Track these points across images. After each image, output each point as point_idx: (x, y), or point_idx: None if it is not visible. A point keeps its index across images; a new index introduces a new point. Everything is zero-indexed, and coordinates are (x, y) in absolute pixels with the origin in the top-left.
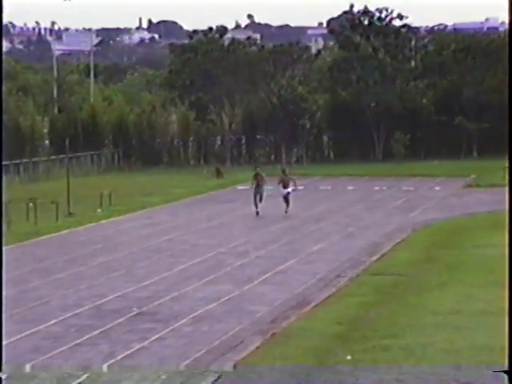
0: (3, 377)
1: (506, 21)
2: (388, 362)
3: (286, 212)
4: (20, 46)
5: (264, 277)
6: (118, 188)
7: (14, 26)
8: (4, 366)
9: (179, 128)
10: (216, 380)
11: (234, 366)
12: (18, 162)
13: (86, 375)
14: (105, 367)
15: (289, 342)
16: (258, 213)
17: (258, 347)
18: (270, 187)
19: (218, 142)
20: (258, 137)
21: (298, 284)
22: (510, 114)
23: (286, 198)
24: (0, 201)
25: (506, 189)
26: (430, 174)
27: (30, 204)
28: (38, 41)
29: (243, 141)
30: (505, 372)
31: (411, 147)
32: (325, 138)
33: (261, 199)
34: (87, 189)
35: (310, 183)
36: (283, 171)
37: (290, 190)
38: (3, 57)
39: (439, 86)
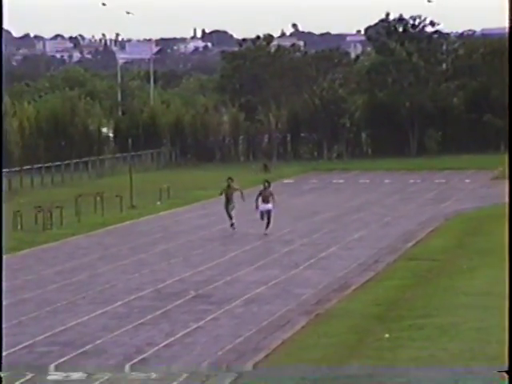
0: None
1: None
2: (423, 340)
3: (265, 233)
4: (88, 56)
5: (308, 262)
6: (175, 183)
7: (83, 38)
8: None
9: (230, 127)
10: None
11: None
12: (86, 159)
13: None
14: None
15: (331, 321)
16: (232, 224)
17: (303, 326)
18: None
19: (266, 140)
20: (302, 135)
21: (340, 268)
22: (510, 114)
23: (267, 215)
24: (0, 201)
25: (506, 189)
26: (460, 168)
27: (98, 198)
28: (104, 51)
29: (288, 138)
30: (505, 372)
31: (443, 143)
32: (363, 136)
33: (232, 210)
34: (148, 184)
35: (350, 177)
36: (266, 182)
37: (270, 206)
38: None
39: (469, 86)
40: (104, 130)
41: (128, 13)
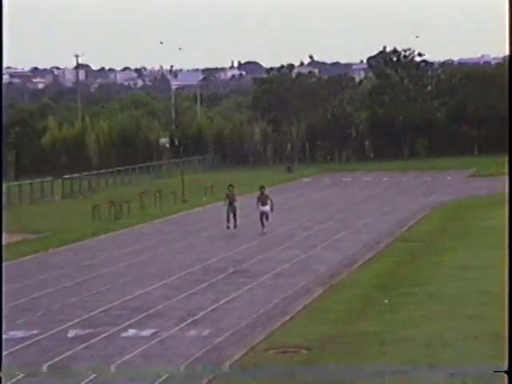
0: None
1: (498, 55)
2: (415, 303)
3: (263, 232)
4: (149, 83)
5: (324, 244)
6: (217, 181)
7: (145, 69)
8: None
9: (260, 137)
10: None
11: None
12: (148, 164)
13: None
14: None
15: (342, 290)
16: (228, 227)
17: (319, 295)
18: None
19: (289, 147)
20: (318, 143)
21: (349, 248)
22: (510, 114)
23: (266, 216)
24: (0, 201)
25: (506, 189)
26: (443, 168)
27: (157, 194)
28: (161, 79)
29: (307, 146)
30: (505, 372)
31: (429, 148)
32: (366, 143)
33: (234, 216)
34: (196, 183)
35: (356, 176)
36: (261, 188)
37: (268, 208)
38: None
39: (449, 104)
40: (161, 140)
41: (180, 49)
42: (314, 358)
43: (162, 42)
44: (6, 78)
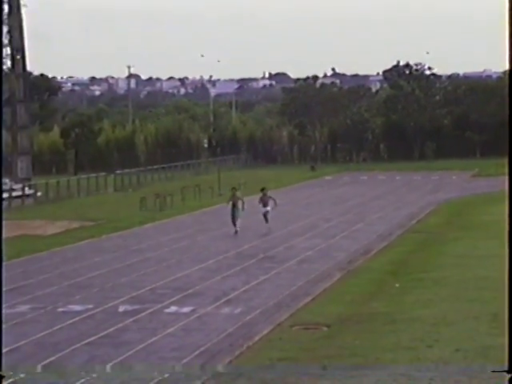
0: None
1: (499, 70)
2: (422, 288)
3: (267, 228)
4: (191, 91)
5: (343, 234)
6: (250, 178)
7: (187, 78)
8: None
9: (288, 140)
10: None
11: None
12: (188, 162)
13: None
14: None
15: (358, 275)
16: (236, 231)
17: (338, 279)
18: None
19: (313, 149)
20: (338, 145)
21: (365, 238)
22: (510, 116)
23: (265, 216)
24: (0, 202)
25: (506, 190)
26: (448, 168)
27: (196, 188)
28: (202, 87)
29: (328, 148)
30: (505, 372)
31: (437, 151)
32: (381, 146)
33: (236, 218)
34: (230, 179)
35: (372, 175)
36: (263, 190)
37: (269, 208)
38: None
39: (454, 112)
40: (201, 141)
41: (219, 61)
42: (333, 334)
43: (202, 55)
44: (68, 85)
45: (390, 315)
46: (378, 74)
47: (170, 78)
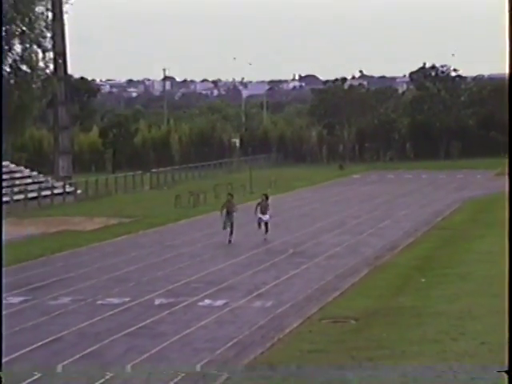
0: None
1: None
2: (447, 283)
3: (264, 238)
4: (223, 92)
5: (370, 231)
6: (280, 177)
7: (220, 80)
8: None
9: (317, 139)
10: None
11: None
12: (221, 161)
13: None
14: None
15: (385, 270)
16: (230, 241)
17: (366, 274)
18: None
19: (341, 148)
20: (366, 145)
21: (391, 235)
22: (510, 116)
23: (265, 225)
24: (0, 201)
25: (506, 191)
26: (473, 167)
27: (229, 186)
28: (234, 89)
29: (356, 147)
30: (505, 372)
31: (462, 150)
32: (407, 145)
33: (231, 226)
34: (261, 177)
35: (398, 174)
36: (265, 195)
37: (268, 217)
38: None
39: (479, 112)
40: (233, 141)
41: (250, 64)
42: (361, 327)
43: (234, 58)
44: (106, 88)
45: (416, 309)
46: (404, 75)
47: (204, 80)
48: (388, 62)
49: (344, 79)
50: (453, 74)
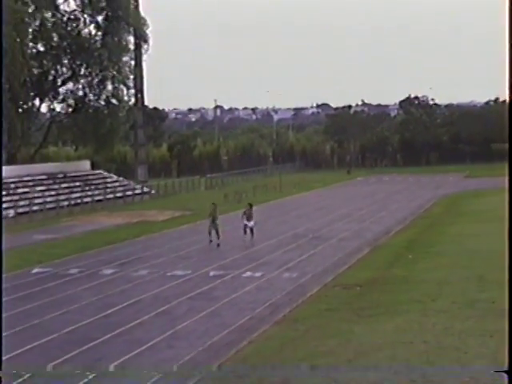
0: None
1: (483, 100)
2: (429, 258)
3: (252, 243)
4: (259, 117)
5: (370, 220)
6: (302, 180)
7: (257, 108)
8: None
9: (330, 152)
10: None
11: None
12: (258, 168)
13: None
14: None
15: (382, 249)
16: (211, 241)
17: (367, 252)
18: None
19: (348, 158)
20: (367, 155)
21: (386, 223)
22: (510, 116)
23: (251, 230)
24: (0, 202)
25: (506, 191)
26: (447, 171)
27: (264, 187)
28: (267, 114)
29: (360, 157)
30: (505, 372)
31: (438, 159)
32: (398, 156)
33: (217, 232)
34: (288, 180)
35: (392, 177)
36: (250, 204)
37: (253, 223)
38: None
39: (451, 131)
40: (268, 153)
41: (280, 94)
42: (364, 292)
43: (267, 91)
44: (172, 115)
45: (406, 278)
46: (395, 103)
47: (245, 107)
48: (383, 93)
49: (350, 106)
50: (431, 102)
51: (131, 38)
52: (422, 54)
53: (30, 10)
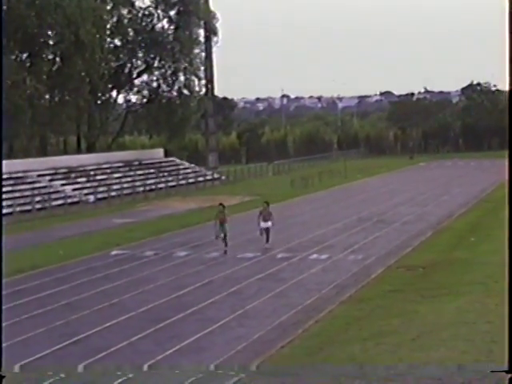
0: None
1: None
2: (491, 241)
3: (265, 247)
4: (325, 105)
5: (433, 203)
6: (366, 165)
7: (322, 96)
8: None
9: (393, 138)
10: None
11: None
12: (324, 155)
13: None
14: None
15: (444, 232)
16: (225, 252)
17: (430, 235)
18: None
19: (411, 144)
20: (429, 141)
21: (449, 206)
22: (510, 118)
23: (266, 232)
24: (0, 202)
25: (506, 192)
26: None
27: (329, 173)
28: (332, 102)
29: (422, 143)
30: (505, 372)
31: (500, 144)
32: (460, 141)
33: (225, 237)
34: (353, 166)
35: (454, 162)
36: (266, 203)
37: (270, 224)
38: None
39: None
40: (333, 140)
41: (344, 83)
42: (427, 273)
43: (333, 80)
44: (241, 104)
45: (468, 260)
46: (457, 90)
47: (311, 96)
48: (445, 80)
49: (412, 94)
50: (493, 88)
51: (201, 31)
52: (483, 41)
53: (108, 8)
